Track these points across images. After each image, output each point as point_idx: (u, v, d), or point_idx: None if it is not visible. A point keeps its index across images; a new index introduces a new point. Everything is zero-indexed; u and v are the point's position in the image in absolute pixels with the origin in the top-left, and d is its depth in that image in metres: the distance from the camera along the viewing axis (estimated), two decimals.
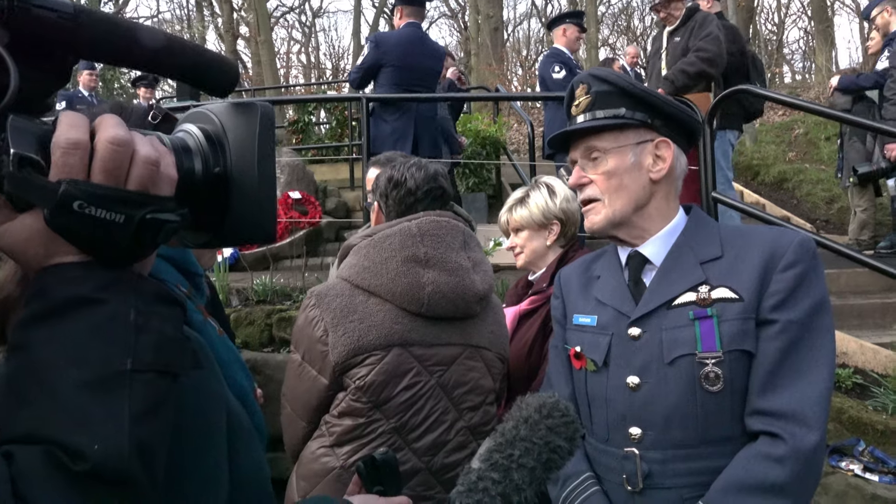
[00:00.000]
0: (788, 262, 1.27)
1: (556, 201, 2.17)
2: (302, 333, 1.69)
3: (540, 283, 2.17)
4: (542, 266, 2.22)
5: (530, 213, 2.18)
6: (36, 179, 0.54)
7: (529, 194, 2.21)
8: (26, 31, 0.55)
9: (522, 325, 2.11)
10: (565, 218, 2.17)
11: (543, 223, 2.18)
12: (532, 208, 2.18)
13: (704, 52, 4.52)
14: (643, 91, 1.40)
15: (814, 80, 16.87)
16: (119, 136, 0.57)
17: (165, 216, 0.59)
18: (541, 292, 2.14)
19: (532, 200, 2.19)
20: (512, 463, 0.93)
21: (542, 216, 2.17)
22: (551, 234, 2.18)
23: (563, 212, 2.17)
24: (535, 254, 2.21)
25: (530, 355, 2.05)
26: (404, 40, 4.93)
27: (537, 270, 2.24)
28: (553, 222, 2.17)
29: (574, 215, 2.17)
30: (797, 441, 1.18)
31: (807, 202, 8.68)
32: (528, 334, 2.06)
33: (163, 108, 1.04)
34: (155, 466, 0.56)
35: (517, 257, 2.26)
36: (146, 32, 0.64)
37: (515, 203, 2.23)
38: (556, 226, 2.17)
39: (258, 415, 1.47)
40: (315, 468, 1.66)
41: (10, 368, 0.55)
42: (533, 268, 2.25)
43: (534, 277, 2.25)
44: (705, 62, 4.53)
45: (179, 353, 0.60)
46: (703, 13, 4.83)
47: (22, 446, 0.51)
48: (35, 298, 0.57)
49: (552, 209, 2.17)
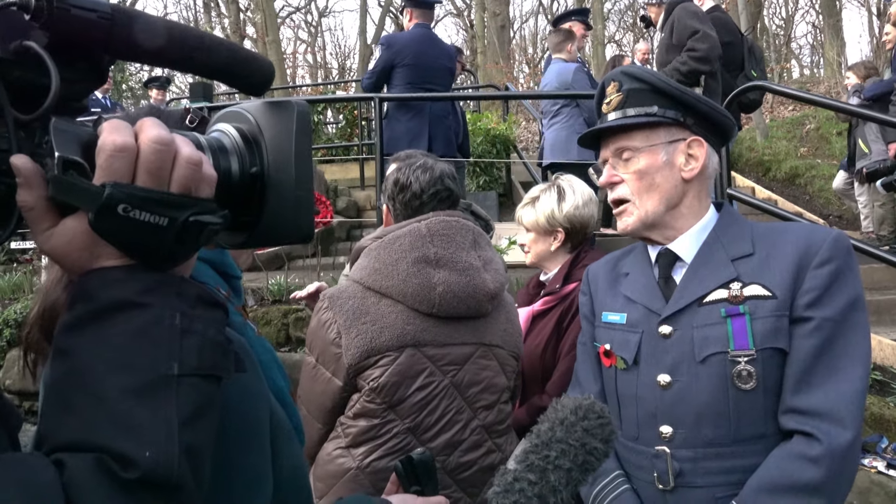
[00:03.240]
0: (823, 258, 1.26)
1: (564, 208, 2.14)
2: (315, 336, 1.70)
3: (553, 284, 2.16)
4: (552, 267, 2.21)
5: (536, 218, 2.17)
6: (80, 183, 0.54)
7: (541, 196, 2.19)
8: (64, 32, 0.54)
9: (536, 325, 2.10)
10: (570, 227, 2.15)
11: (548, 230, 2.16)
12: (539, 213, 2.17)
13: (695, 51, 4.50)
14: (676, 88, 1.38)
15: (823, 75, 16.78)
16: (162, 136, 0.57)
17: (207, 218, 0.58)
18: (554, 293, 2.13)
19: (540, 205, 2.18)
20: (548, 464, 0.93)
21: (547, 223, 2.15)
22: (556, 241, 2.17)
23: (570, 220, 2.14)
24: (541, 256, 2.21)
25: (544, 355, 2.04)
26: (416, 39, 4.93)
27: (548, 270, 2.23)
28: (558, 229, 2.15)
29: (584, 221, 2.15)
30: (832, 440, 1.17)
31: (819, 198, 8.64)
32: (542, 334, 2.05)
33: (199, 112, 1.04)
34: (202, 471, 0.56)
35: (526, 254, 2.26)
36: (182, 31, 0.63)
37: (528, 203, 2.23)
38: (560, 233, 2.16)
39: (297, 415, 1.48)
40: (331, 469, 1.66)
41: (56, 374, 0.55)
42: (543, 267, 2.25)
43: (545, 278, 2.25)
44: (698, 61, 4.51)
45: (223, 356, 0.59)
46: (680, 7, 4.75)
47: (72, 454, 0.50)
48: (79, 302, 0.56)
49: (557, 217, 2.14)
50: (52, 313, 0.86)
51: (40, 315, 0.88)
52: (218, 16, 22.26)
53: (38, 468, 0.49)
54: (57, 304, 0.85)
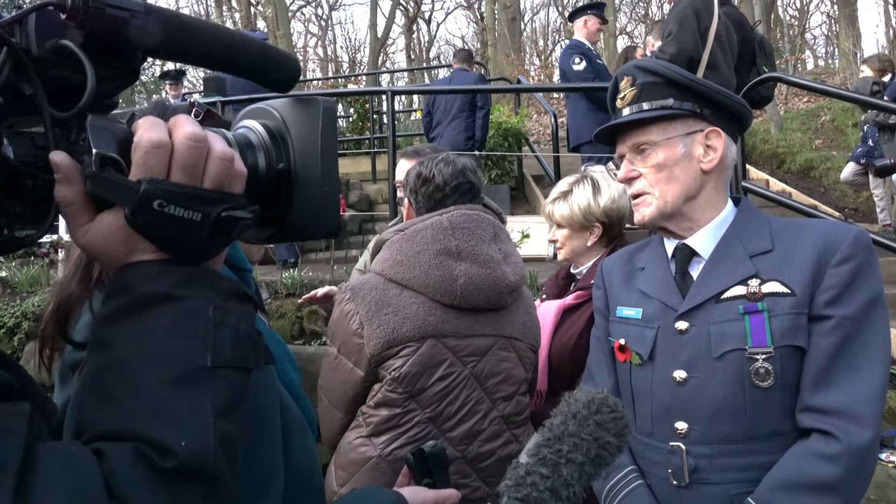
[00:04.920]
0: (843, 256, 1.24)
1: (601, 201, 2.04)
2: (338, 327, 1.72)
3: (587, 279, 2.05)
4: (585, 262, 2.12)
5: (571, 213, 2.06)
6: (117, 179, 0.55)
7: (573, 190, 2.08)
8: (99, 31, 0.55)
9: (566, 319, 2.03)
10: (608, 221, 2.05)
11: (584, 224, 2.06)
12: (574, 207, 2.06)
13: (662, 52, 4.41)
14: (691, 80, 1.37)
15: (838, 66, 16.57)
16: (197, 134, 0.58)
17: (239, 213, 0.59)
18: (587, 288, 2.00)
19: (574, 198, 2.07)
20: (560, 458, 0.93)
21: (584, 217, 2.05)
22: (592, 236, 2.07)
23: (607, 213, 2.05)
24: (576, 252, 2.11)
25: (575, 351, 1.97)
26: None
27: (580, 265, 2.14)
28: (595, 224, 2.05)
29: (621, 214, 2.06)
30: (851, 439, 1.16)
31: (834, 190, 8.55)
32: (573, 329, 1.99)
33: (204, 106, 1.05)
34: (236, 461, 0.57)
35: (558, 251, 2.17)
36: (214, 30, 0.64)
37: (559, 197, 2.11)
38: (598, 228, 2.06)
39: (309, 408, 1.49)
40: (353, 458, 1.68)
41: (94, 366, 0.56)
42: (576, 262, 2.16)
43: (577, 270, 2.17)
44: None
45: (254, 348, 0.61)
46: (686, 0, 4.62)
47: (111, 443, 0.52)
48: (116, 295, 0.58)
49: (594, 211, 2.04)
50: (66, 308, 0.87)
51: (55, 310, 0.90)
52: (229, 10, 22.28)
53: (80, 457, 0.50)
54: (71, 300, 0.86)
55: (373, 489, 1.02)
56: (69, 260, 0.93)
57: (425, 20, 25.68)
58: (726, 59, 4.66)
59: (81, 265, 0.90)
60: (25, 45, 0.54)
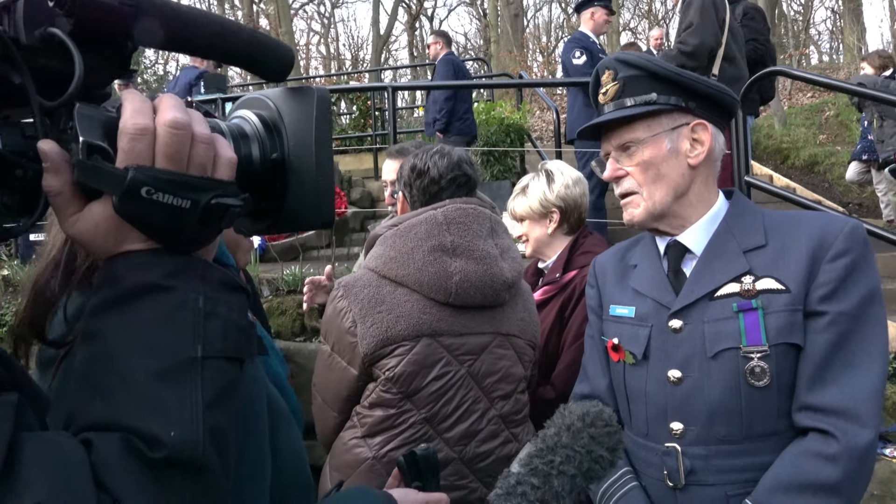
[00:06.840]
0: (839, 251, 1.21)
1: (554, 188, 2.16)
2: (331, 324, 1.69)
3: (553, 273, 2.15)
4: (550, 254, 2.21)
5: (529, 203, 2.18)
6: (104, 167, 0.54)
7: (530, 184, 2.21)
8: (88, 19, 0.54)
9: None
10: (564, 205, 2.16)
11: (543, 212, 2.17)
12: (531, 198, 2.18)
13: (685, 44, 4.42)
14: (675, 73, 1.33)
15: (843, 61, 16.48)
16: (178, 120, 0.57)
17: (229, 201, 0.58)
18: (554, 282, 2.11)
19: (531, 191, 2.19)
20: (552, 469, 0.93)
21: (541, 205, 2.16)
22: (552, 223, 2.17)
23: (562, 199, 2.16)
24: (540, 242, 2.21)
25: (547, 346, 2.02)
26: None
27: (546, 258, 2.23)
28: (552, 210, 2.16)
29: (576, 200, 2.17)
30: (850, 439, 1.14)
31: (839, 185, 8.51)
32: (544, 325, 2.02)
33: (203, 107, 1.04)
34: (227, 452, 0.56)
35: (525, 245, 2.26)
36: (203, 17, 0.63)
37: (518, 193, 2.23)
38: (555, 213, 2.16)
39: (293, 399, 1.48)
40: (348, 459, 1.66)
41: (83, 356, 0.55)
42: (541, 256, 2.25)
43: (544, 265, 2.24)
44: (685, 55, 4.42)
45: (245, 339, 0.60)
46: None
47: (100, 434, 0.51)
48: (105, 286, 0.57)
49: (549, 198, 2.16)
50: (43, 308, 0.86)
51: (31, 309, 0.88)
52: (231, 7, 22.29)
53: (68, 448, 0.50)
54: (50, 300, 0.85)
55: (362, 489, 1.01)
56: (41, 258, 0.92)
57: (428, 17, 25.63)
58: (740, 51, 4.64)
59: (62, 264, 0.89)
60: (14, 33, 0.53)
